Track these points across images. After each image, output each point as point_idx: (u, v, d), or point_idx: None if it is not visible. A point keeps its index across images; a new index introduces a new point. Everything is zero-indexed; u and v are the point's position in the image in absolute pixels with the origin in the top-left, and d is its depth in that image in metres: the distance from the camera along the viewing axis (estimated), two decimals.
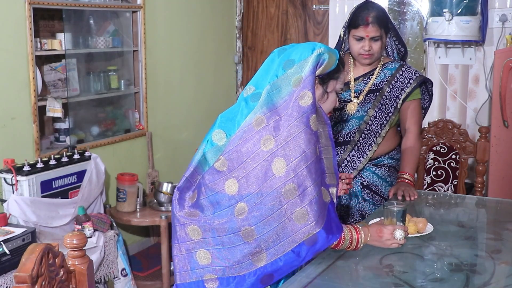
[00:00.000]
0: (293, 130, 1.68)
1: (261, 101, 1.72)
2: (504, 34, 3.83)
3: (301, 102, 1.69)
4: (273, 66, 1.78)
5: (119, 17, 3.88)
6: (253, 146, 1.68)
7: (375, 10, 2.61)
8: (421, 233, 2.07)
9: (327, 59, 1.76)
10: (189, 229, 1.74)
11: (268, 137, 1.68)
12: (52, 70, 3.49)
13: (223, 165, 1.71)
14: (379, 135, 2.67)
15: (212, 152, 1.76)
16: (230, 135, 1.75)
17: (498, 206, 2.62)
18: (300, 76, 1.72)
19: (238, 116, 1.77)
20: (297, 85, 1.71)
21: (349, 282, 1.76)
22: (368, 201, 2.69)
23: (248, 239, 1.67)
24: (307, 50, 1.76)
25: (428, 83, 2.75)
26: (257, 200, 1.66)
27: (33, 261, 1.36)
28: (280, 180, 1.65)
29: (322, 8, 4.71)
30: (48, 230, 2.95)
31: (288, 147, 1.66)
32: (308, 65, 1.72)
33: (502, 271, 1.81)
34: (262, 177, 1.67)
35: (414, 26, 4.32)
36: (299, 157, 1.66)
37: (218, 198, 1.70)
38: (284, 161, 1.66)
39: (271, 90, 1.73)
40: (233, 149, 1.70)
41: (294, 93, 1.70)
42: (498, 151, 3.37)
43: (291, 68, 1.74)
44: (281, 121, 1.69)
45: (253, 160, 1.68)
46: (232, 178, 1.69)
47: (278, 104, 1.71)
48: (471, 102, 4.12)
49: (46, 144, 3.43)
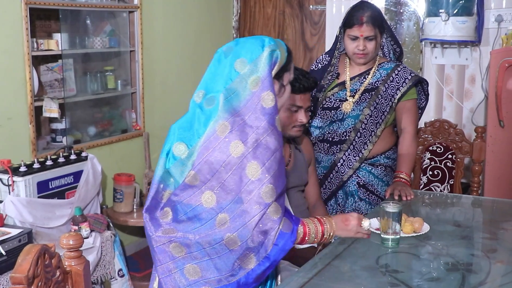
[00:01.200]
0: (261, 132, 1.63)
1: (220, 107, 1.66)
2: (500, 35, 3.84)
3: (264, 104, 1.65)
4: (223, 68, 1.72)
5: (116, 17, 3.88)
6: (223, 154, 1.63)
7: (370, 10, 2.62)
8: (417, 233, 2.08)
9: (280, 55, 1.71)
10: (171, 247, 1.67)
11: (236, 142, 1.63)
12: (48, 70, 3.49)
13: (195, 179, 1.65)
14: (374, 134, 2.67)
15: (177, 166, 1.70)
16: (191, 145, 1.69)
17: (494, 206, 2.63)
18: (257, 77, 1.66)
19: (196, 125, 1.71)
20: (256, 86, 1.66)
21: (345, 282, 1.77)
22: (364, 200, 2.70)
23: (233, 247, 1.63)
24: (256, 47, 1.69)
25: (423, 83, 2.76)
26: (237, 208, 1.62)
27: (29, 262, 1.36)
28: (258, 183, 1.61)
29: (319, 8, 4.72)
30: (44, 231, 2.94)
31: (259, 149, 1.62)
32: (263, 65, 1.67)
33: (498, 270, 1.82)
34: (239, 183, 1.62)
35: (410, 26, 4.33)
36: (271, 158, 1.63)
37: (197, 212, 1.65)
38: (257, 163, 1.62)
39: (229, 95, 1.67)
40: (202, 161, 1.64)
41: (255, 95, 1.65)
42: (494, 151, 3.38)
43: (245, 68, 1.68)
44: (246, 124, 1.64)
45: (225, 168, 1.63)
46: (208, 191, 1.64)
47: (239, 107, 1.65)
48: (467, 102, 4.13)
49: (42, 144, 3.42)
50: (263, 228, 1.62)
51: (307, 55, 4.87)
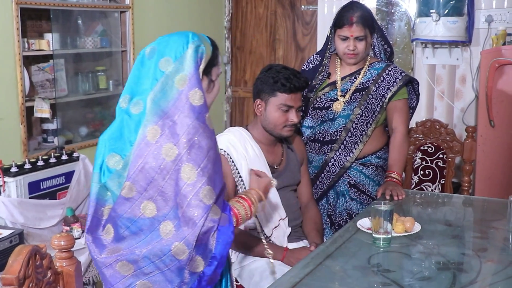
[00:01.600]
0: (193, 132, 1.57)
1: (148, 111, 1.59)
2: (490, 35, 3.86)
3: (193, 102, 1.59)
4: (147, 69, 1.65)
5: (107, 17, 3.87)
6: (156, 160, 1.56)
7: (360, 10, 2.64)
8: (408, 232, 2.08)
9: (205, 51, 1.66)
10: (118, 266, 1.58)
11: (169, 145, 1.56)
12: (40, 70, 3.47)
13: (131, 190, 1.58)
14: (365, 133, 2.68)
15: (113, 179, 1.62)
16: (125, 155, 1.62)
17: (485, 205, 2.65)
18: (184, 75, 1.60)
19: (126, 133, 1.64)
20: (183, 85, 1.60)
21: (337, 281, 1.77)
22: (355, 200, 2.71)
23: (181, 256, 1.56)
24: (180, 44, 1.63)
25: (414, 83, 2.78)
26: (179, 214, 1.56)
27: (20, 262, 1.36)
28: (194, 185, 1.55)
29: (311, 8, 4.72)
30: (36, 232, 2.93)
31: (193, 150, 1.56)
32: (189, 62, 1.61)
33: (488, 269, 1.83)
34: (176, 189, 1.56)
35: (401, 26, 4.34)
36: (205, 159, 1.57)
37: (139, 225, 1.58)
38: (191, 165, 1.55)
39: (156, 96, 1.60)
40: (136, 170, 1.57)
41: (182, 94, 1.59)
42: (485, 151, 3.40)
43: (170, 67, 1.61)
44: (177, 125, 1.57)
45: (161, 174, 1.56)
46: (146, 200, 1.57)
47: (167, 108, 1.59)
48: (458, 102, 4.15)
49: (33, 145, 3.41)
50: (205, 229, 1.56)
51: (298, 55, 4.88)
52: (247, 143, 2.39)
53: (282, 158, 2.50)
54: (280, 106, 2.34)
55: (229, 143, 2.37)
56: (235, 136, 2.40)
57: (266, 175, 1.96)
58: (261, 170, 2.36)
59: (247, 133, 2.43)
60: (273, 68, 2.39)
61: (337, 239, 2.06)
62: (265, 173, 1.98)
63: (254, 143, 2.41)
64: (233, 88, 5.14)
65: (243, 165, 2.34)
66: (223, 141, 2.38)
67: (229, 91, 5.13)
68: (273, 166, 2.44)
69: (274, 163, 2.46)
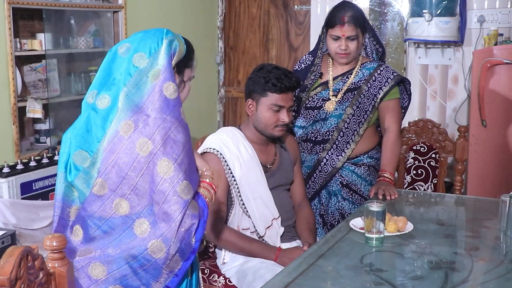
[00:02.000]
0: (168, 125, 1.54)
1: (121, 105, 1.56)
2: (482, 35, 3.88)
3: (167, 94, 1.57)
4: (119, 64, 1.63)
5: (100, 17, 3.86)
6: (130, 156, 1.52)
7: (352, 10, 2.64)
8: (401, 232, 2.09)
9: (178, 46, 1.65)
10: (90, 269, 1.52)
11: (143, 140, 1.52)
12: (32, 70, 3.46)
13: (103, 187, 1.53)
14: (357, 133, 2.69)
15: (81, 178, 1.57)
16: (92, 152, 1.57)
17: (477, 204, 2.66)
18: (158, 69, 1.59)
19: (94, 128, 1.59)
20: (156, 78, 1.58)
21: (330, 281, 1.78)
22: (347, 200, 2.71)
23: (158, 255, 1.52)
24: (155, 40, 1.62)
25: (406, 83, 2.79)
26: (155, 211, 1.52)
27: (12, 264, 1.35)
28: (172, 180, 1.51)
29: (304, 8, 4.73)
30: (28, 233, 2.92)
31: (169, 144, 1.52)
32: (163, 56, 1.60)
33: (480, 268, 1.84)
34: (151, 185, 1.52)
35: (394, 26, 4.36)
36: (182, 153, 1.54)
37: (112, 223, 1.53)
38: (167, 160, 1.51)
39: (129, 91, 1.57)
40: (108, 166, 1.52)
41: (156, 87, 1.56)
42: (477, 150, 3.41)
43: (144, 63, 1.60)
44: (151, 118, 1.54)
45: (134, 170, 1.52)
46: (119, 198, 1.53)
47: (141, 103, 1.56)
48: (451, 102, 4.17)
49: (26, 145, 3.40)
50: (186, 226, 1.53)
51: (292, 55, 4.88)
52: (240, 143, 2.39)
53: (275, 157, 2.50)
54: (271, 106, 2.34)
55: (222, 143, 2.37)
56: (228, 136, 2.40)
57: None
58: (254, 169, 2.37)
59: (240, 133, 2.43)
60: (264, 68, 2.39)
61: (330, 239, 2.06)
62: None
63: (247, 142, 2.41)
64: (226, 88, 5.14)
65: (236, 165, 2.34)
66: (216, 140, 2.38)
67: (222, 91, 5.13)
68: (266, 166, 2.44)
69: (267, 163, 2.46)
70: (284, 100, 2.35)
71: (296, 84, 2.38)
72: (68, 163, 1.61)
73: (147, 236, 1.52)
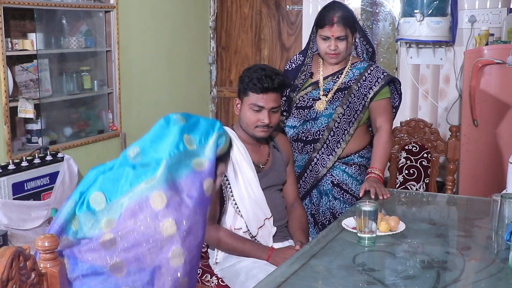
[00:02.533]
0: (196, 220, 1.58)
1: (160, 174, 1.57)
2: (473, 35, 3.90)
3: (205, 189, 1.61)
4: (170, 134, 1.65)
5: (92, 17, 3.85)
6: (152, 230, 1.53)
7: (341, 10, 2.65)
8: (393, 231, 2.10)
9: (223, 143, 1.71)
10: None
11: (170, 221, 1.54)
12: (23, 70, 3.45)
13: (112, 244, 1.53)
14: (347, 132, 2.70)
15: (88, 217, 1.57)
16: (110, 200, 1.57)
17: (468, 204, 2.67)
18: (203, 160, 1.64)
19: (123, 181, 1.59)
20: (199, 167, 1.62)
21: (322, 281, 1.78)
22: (338, 199, 2.72)
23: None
24: (207, 131, 1.68)
25: (396, 82, 2.80)
26: (145, 278, 1.53)
27: (3, 264, 1.35)
28: (175, 271, 1.54)
29: (296, 8, 4.74)
30: (20, 233, 2.91)
31: (188, 238, 1.56)
32: (210, 149, 1.66)
33: (472, 267, 1.85)
34: (156, 263, 1.54)
35: (386, 26, 4.37)
36: (195, 250, 1.58)
37: (95, 271, 1.53)
38: (182, 252, 1.55)
39: (172, 165, 1.59)
40: (127, 229, 1.53)
41: (197, 175, 1.61)
42: (468, 150, 3.43)
43: (192, 146, 1.64)
44: (185, 205, 1.57)
45: (148, 244, 1.53)
46: (119, 259, 1.53)
47: (178, 182, 1.59)
48: (442, 102, 4.18)
49: (17, 145, 3.39)
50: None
51: (284, 55, 4.89)
52: (232, 142, 2.38)
53: (268, 157, 2.50)
54: (252, 106, 2.34)
55: None
56: None
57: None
58: (247, 169, 2.37)
59: (232, 132, 2.43)
60: (252, 67, 2.39)
61: (322, 238, 2.07)
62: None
63: (239, 142, 2.41)
64: (218, 88, 5.14)
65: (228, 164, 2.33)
66: None
67: (214, 91, 5.13)
68: (258, 166, 2.44)
69: (260, 163, 2.46)
70: (265, 100, 2.33)
71: (278, 86, 2.34)
72: (84, 197, 1.61)
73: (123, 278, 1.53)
